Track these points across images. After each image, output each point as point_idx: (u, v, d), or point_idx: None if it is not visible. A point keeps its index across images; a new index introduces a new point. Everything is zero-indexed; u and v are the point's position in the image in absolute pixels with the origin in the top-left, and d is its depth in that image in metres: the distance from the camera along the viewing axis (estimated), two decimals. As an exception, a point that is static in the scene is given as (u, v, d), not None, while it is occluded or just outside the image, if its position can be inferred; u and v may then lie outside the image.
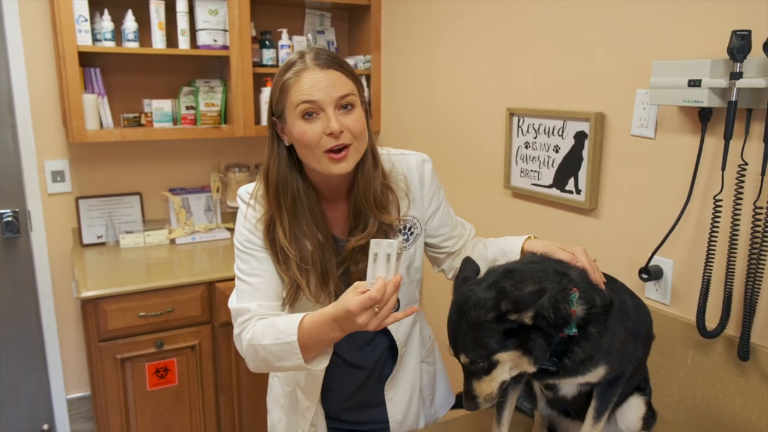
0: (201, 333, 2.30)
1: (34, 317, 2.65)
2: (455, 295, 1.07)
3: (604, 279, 1.11)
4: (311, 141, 1.14)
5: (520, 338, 1.00)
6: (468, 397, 1.04)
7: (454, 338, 1.04)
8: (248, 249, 1.25)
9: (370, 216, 1.25)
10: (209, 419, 2.38)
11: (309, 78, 1.13)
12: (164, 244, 2.68)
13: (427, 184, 1.35)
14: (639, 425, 1.28)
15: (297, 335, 1.11)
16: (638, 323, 1.19)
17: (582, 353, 1.05)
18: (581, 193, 1.73)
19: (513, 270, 1.06)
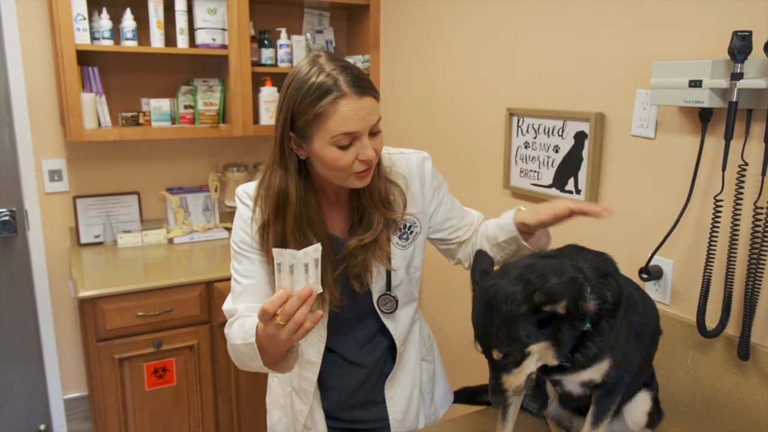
0: (199, 333, 2.29)
1: (31, 317, 2.64)
2: (479, 291, 1.07)
3: (601, 209, 1.16)
4: (344, 167, 1.14)
5: (552, 328, 1.02)
6: (497, 391, 1.04)
7: (484, 334, 1.04)
8: (243, 250, 1.26)
9: (375, 214, 1.25)
10: (207, 419, 2.37)
11: (349, 108, 1.09)
12: (162, 243, 2.67)
13: (428, 182, 1.36)
14: (644, 421, 1.29)
15: (255, 337, 1.10)
16: (646, 317, 1.20)
17: (595, 348, 1.06)
18: (581, 193, 1.73)
19: (533, 264, 1.07)
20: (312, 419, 1.38)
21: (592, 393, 1.18)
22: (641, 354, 1.20)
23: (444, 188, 1.41)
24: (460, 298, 2.34)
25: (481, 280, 1.09)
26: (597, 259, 1.14)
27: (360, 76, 1.12)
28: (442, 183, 1.41)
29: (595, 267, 1.10)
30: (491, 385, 1.06)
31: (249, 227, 1.24)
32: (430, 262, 1.52)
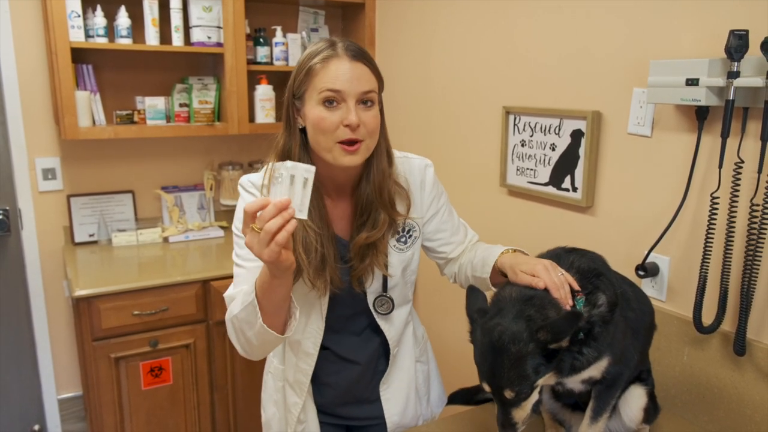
0: (196, 332, 2.29)
1: (24, 317, 2.63)
2: (481, 332, 1.07)
3: (569, 301, 1.08)
4: (327, 128, 1.15)
5: (555, 359, 1.04)
6: (507, 425, 1.06)
7: (493, 375, 1.04)
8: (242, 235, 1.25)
9: (380, 213, 1.26)
10: (204, 418, 2.37)
11: (337, 66, 1.14)
12: (157, 242, 2.66)
13: (428, 188, 1.36)
14: (641, 416, 1.29)
15: (255, 292, 1.10)
16: (640, 313, 1.22)
17: (593, 353, 1.08)
18: (578, 191, 1.74)
19: (531, 297, 1.08)
20: (305, 413, 1.39)
21: (593, 388, 1.19)
22: (638, 348, 1.21)
23: (443, 199, 1.41)
24: (455, 299, 2.34)
25: (480, 319, 1.09)
26: (585, 260, 1.16)
27: (360, 49, 1.18)
28: (442, 193, 1.41)
29: (584, 269, 1.12)
30: (501, 420, 1.07)
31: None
32: (426, 262, 1.52)
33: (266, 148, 1.27)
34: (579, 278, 1.09)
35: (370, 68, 1.18)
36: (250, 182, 1.27)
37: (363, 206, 1.26)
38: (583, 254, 1.17)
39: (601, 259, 1.20)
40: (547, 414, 1.41)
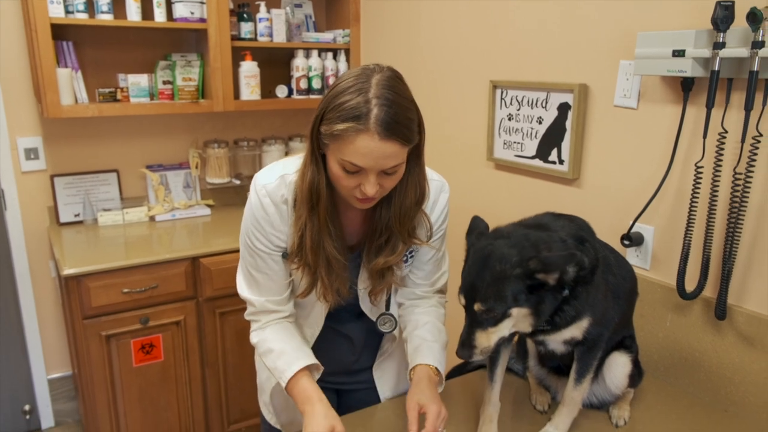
0: (186, 309, 2.29)
1: (11, 298, 2.61)
2: (475, 248, 1.12)
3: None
4: (344, 187, 1.12)
5: (536, 296, 1.07)
6: (466, 345, 1.10)
7: (471, 288, 1.09)
8: (254, 247, 1.24)
9: (400, 241, 1.23)
10: (196, 394, 2.38)
11: (365, 145, 1.03)
12: (144, 221, 2.65)
13: (436, 212, 1.30)
14: (626, 383, 1.34)
15: (286, 385, 1.23)
16: (621, 279, 1.26)
17: (572, 311, 1.12)
18: (564, 164, 1.77)
19: (527, 234, 1.12)
20: None
21: (574, 350, 1.23)
22: (618, 312, 1.26)
23: (442, 232, 1.35)
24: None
25: (477, 240, 1.13)
26: (573, 226, 1.19)
27: (397, 119, 1.04)
28: (444, 222, 1.34)
29: (573, 234, 1.15)
30: (462, 338, 1.11)
31: (263, 228, 1.22)
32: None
33: (251, 126, 1.24)
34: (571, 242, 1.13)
35: (402, 144, 1.07)
36: (266, 192, 1.20)
37: (381, 229, 1.22)
38: (571, 220, 1.20)
39: (587, 225, 1.23)
40: (534, 379, 1.46)
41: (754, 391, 1.37)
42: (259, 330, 1.31)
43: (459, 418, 1.37)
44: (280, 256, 1.25)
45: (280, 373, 1.24)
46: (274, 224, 1.21)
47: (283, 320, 1.32)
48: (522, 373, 1.54)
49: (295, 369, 1.22)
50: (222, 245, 2.30)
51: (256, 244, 1.24)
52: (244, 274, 1.30)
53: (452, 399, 1.45)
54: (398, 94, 1.06)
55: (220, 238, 2.39)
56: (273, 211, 1.21)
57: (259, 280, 1.27)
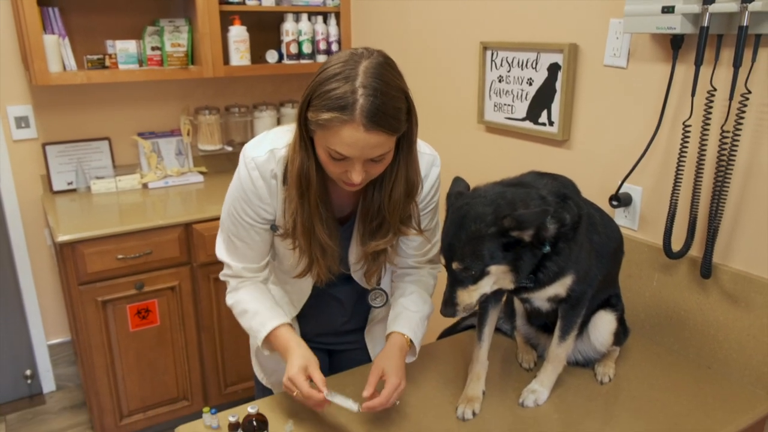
0: (180, 274, 2.31)
1: (8, 265, 2.63)
2: (452, 209, 1.13)
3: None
4: (331, 172, 1.12)
5: (514, 253, 1.08)
6: (448, 303, 1.12)
7: (449, 248, 1.10)
8: (239, 218, 1.24)
9: (392, 228, 1.22)
10: (192, 357, 2.42)
11: (350, 135, 1.02)
12: (137, 189, 2.65)
13: (426, 186, 1.29)
14: (611, 340, 1.36)
15: (261, 343, 1.26)
16: (606, 238, 1.27)
17: (555, 267, 1.13)
18: (554, 125, 1.76)
19: (503, 192, 1.12)
20: None
21: (559, 308, 1.25)
22: (602, 271, 1.27)
23: (433, 205, 1.33)
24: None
25: (455, 200, 1.14)
26: (556, 183, 1.19)
27: (384, 109, 1.02)
28: (435, 196, 1.33)
29: (555, 191, 1.15)
30: (445, 297, 1.13)
31: (249, 200, 1.21)
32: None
33: (242, 92, 1.22)
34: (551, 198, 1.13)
35: (388, 134, 1.05)
36: (255, 165, 1.19)
37: (373, 214, 1.22)
38: (554, 178, 1.21)
39: (571, 183, 1.23)
40: (521, 337, 1.48)
41: (737, 349, 1.39)
42: (233, 291, 1.32)
43: (448, 377, 1.39)
44: (263, 228, 1.26)
45: (255, 333, 1.26)
46: (262, 197, 1.21)
47: (257, 282, 1.33)
48: (510, 333, 1.56)
49: (269, 328, 1.23)
50: (215, 211, 2.30)
51: (241, 215, 1.24)
52: (224, 239, 1.31)
53: (442, 358, 1.48)
54: (386, 83, 1.04)
55: (213, 204, 2.39)
56: (261, 184, 1.20)
57: (239, 247, 1.28)
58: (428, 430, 1.20)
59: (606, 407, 1.29)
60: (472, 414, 1.25)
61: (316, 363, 1.17)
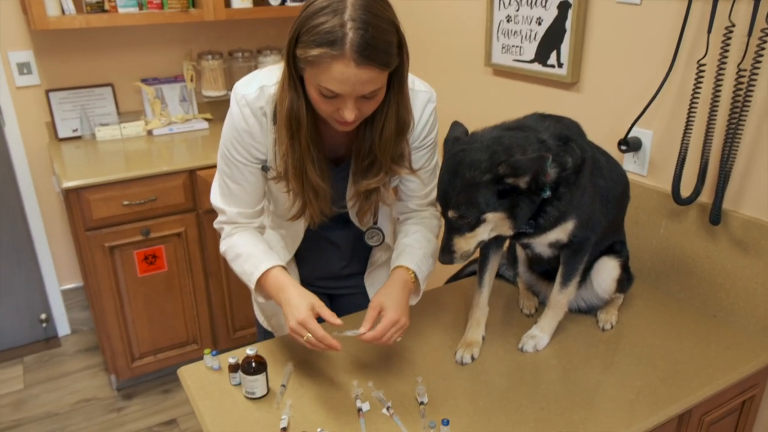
0: (186, 220, 2.32)
1: (18, 213, 2.65)
2: (448, 155, 1.10)
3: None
4: (322, 111, 1.09)
5: (510, 200, 1.05)
6: (446, 251, 1.10)
7: (444, 195, 1.08)
8: (232, 158, 1.22)
9: (383, 167, 1.19)
10: (200, 302, 2.45)
11: (341, 72, 0.99)
12: (141, 135, 2.63)
13: (421, 124, 1.25)
14: (613, 287, 1.34)
15: (254, 286, 1.23)
16: (611, 182, 1.23)
17: (555, 212, 1.10)
18: (563, 67, 1.69)
19: (500, 137, 1.08)
20: None
21: (560, 254, 1.23)
22: (607, 216, 1.23)
23: (429, 143, 1.29)
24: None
25: (452, 146, 1.10)
26: (559, 126, 1.15)
27: (375, 43, 0.98)
28: (431, 134, 1.28)
29: (557, 134, 1.11)
30: (443, 244, 1.12)
31: (242, 139, 1.19)
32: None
33: (245, 36, 1.17)
34: (553, 142, 1.09)
35: (380, 68, 1.01)
36: (246, 103, 1.16)
37: (365, 152, 1.19)
38: (557, 120, 1.16)
39: (576, 126, 1.19)
40: (523, 284, 1.47)
41: (744, 297, 1.36)
42: (227, 237, 1.30)
43: (448, 322, 1.39)
44: (257, 168, 1.23)
45: (248, 276, 1.23)
46: (254, 136, 1.19)
47: (251, 228, 1.31)
48: (513, 279, 1.55)
49: (263, 269, 1.20)
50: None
51: (234, 154, 1.22)
52: (219, 184, 1.29)
53: (443, 304, 1.47)
54: (376, 15, 0.99)
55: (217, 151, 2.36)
56: (253, 122, 1.18)
57: (233, 190, 1.26)
58: (426, 373, 1.21)
59: (606, 353, 1.28)
60: (471, 358, 1.25)
61: (318, 300, 1.15)
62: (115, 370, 2.39)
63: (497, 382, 1.19)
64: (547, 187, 1.06)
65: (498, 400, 1.13)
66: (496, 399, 1.14)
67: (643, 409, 1.11)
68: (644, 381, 1.18)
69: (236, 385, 1.18)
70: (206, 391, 1.17)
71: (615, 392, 1.15)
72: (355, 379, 1.19)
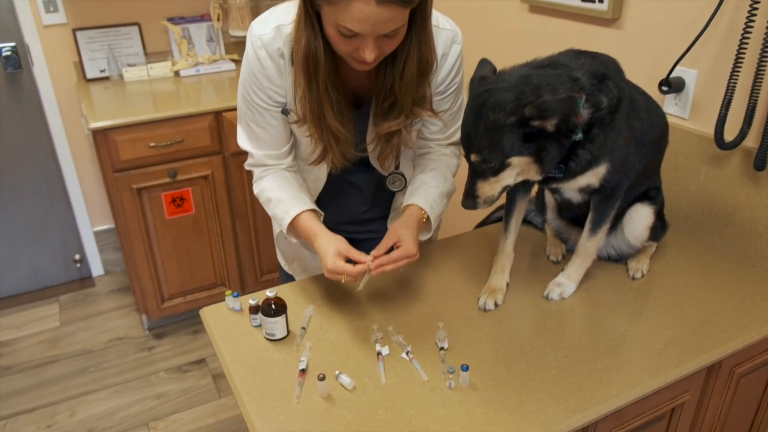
0: (213, 163, 2.31)
1: (50, 154, 2.69)
2: (472, 95, 1.05)
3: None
4: (340, 50, 1.04)
5: (537, 144, 1.00)
6: (469, 195, 1.06)
7: (467, 138, 1.03)
8: (252, 102, 1.19)
9: (405, 109, 1.15)
10: (228, 246, 2.48)
11: (360, 11, 0.94)
12: (168, 76, 2.60)
13: (447, 65, 1.19)
14: (646, 235, 1.29)
15: (286, 230, 1.24)
16: (649, 125, 1.16)
17: (587, 155, 1.04)
18: (604, 2, 1.59)
19: (529, 75, 1.02)
20: None
21: (591, 199, 1.17)
22: (642, 161, 1.17)
23: (454, 88, 1.24)
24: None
25: (478, 86, 1.04)
26: (595, 63, 1.07)
27: None
28: (456, 77, 1.23)
29: (593, 72, 1.04)
30: (466, 189, 1.07)
31: (260, 82, 1.15)
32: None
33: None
34: (587, 80, 1.02)
35: (401, 5, 0.96)
36: (262, 44, 1.11)
37: (386, 93, 1.14)
38: (594, 57, 1.09)
39: (613, 63, 1.11)
40: (551, 231, 1.42)
41: (786, 246, 1.30)
42: (258, 180, 1.30)
43: (472, 269, 1.36)
44: (279, 111, 1.20)
45: (279, 221, 1.24)
46: (272, 78, 1.15)
47: (281, 170, 1.29)
48: (541, 226, 1.50)
49: (292, 215, 1.21)
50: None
51: (254, 98, 1.18)
52: (243, 127, 1.26)
53: (468, 249, 1.44)
54: None
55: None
56: (270, 64, 1.13)
57: (258, 133, 1.24)
58: (448, 319, 1.19)
59: (635, 302, 1.24)
60: (494, 305, 1.22)
61: (344, 242, 1.15)
62: (146, 311, 2.45)
63: (520, 329, 1.17)
64: (578, 128, 1.00)
65: (520, 347, 1.11)
66: (518, 346, 1.12)
67: (671, 359, 1.08)
68: (674, 331, 1.14)
69: (257, 326, 1.18)
70: (227, 332, 1.18)
71: (642, 342, 1.12)
72: (375, 323, 1.18)
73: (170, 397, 2.24)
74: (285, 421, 0.96)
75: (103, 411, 2.18)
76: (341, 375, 1.03)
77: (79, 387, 2.28)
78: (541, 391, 1.01)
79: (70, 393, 2.26)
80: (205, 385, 2.29)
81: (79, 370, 2.37)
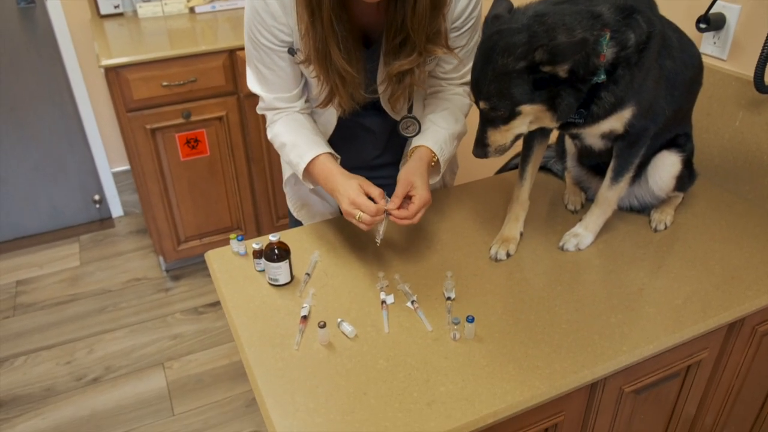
0: (227, 104, 2.26)
1: (66, 92, 2.66)
2: (483, 37, 0.97)
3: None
4: None
5: (549, 91, 0.92)
6: (479, 144, 1.00)
7: (476, 84, 0.97)
8: (258, 42, 1.13)
9: (417, 46, 1.07)
10: (243, 188, 2.45)
11: None
12: (184, 13, 2.53)
13: (461, 4, 1.11)
14: (672, 185, 1.21)
15: (302, 174, 1.19)
16: (682, 65, 1.06)
17: (611, 98, 0.96)
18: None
19: (544, 14, 0.93)
20: None
21: (614, 146, 1.10)
22: (672, 105, 1.08)
23: (471, 22, 1.16)
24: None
25: (490, 25, 0.96)
26: None
27: None
28: (473, 11, 1.15)
29: (619, 5, 0.94)
30: (477, 137, 1.01)
31: (264, 22, 1.09)
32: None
33: None
34: (613, 15, 0.93)
35: None
36: None
37: (397, 28, 1.06)
38: None
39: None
40: (571, 179, 1.35)
41: (824, 199, 1.21)
42: (271, 125, 1.25)
43: (486, 217, 1.31)
44: (285, 52, 1.13)
45: (295, 166, 1.20)
46: (276, 16, 1.08)
47: (294, 113, 1.24)
48: (561, 174, 1.43)
49: (308, 159, 1.16)
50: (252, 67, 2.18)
51: (259, 38, 1.12)
52: (252, 69, 1.21)
53: (482, 196, 1.38)
54: None
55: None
56: (272, 0, 1.06)
57: (266, 75, 1.18)
58: (457, 268, 1.15)
59: (656, 256, 1.18)
60: (506, 255, 1.17)
61: (365, 179, 1.11)
62: (163, 252, 2.46)
63: (532, 280, 1.12)
64: (601, 70, 0.91)
65: (530, 299, 1.07)
66: (528, 298, 1.07)
67: (690, 315, 1.02)
68: (695, 286, 1.09)
69: (261, 271, 1.16)
70: (231, 276, 1.15)
71: (660, 297, 1.06)
72: (381, 270, 1.14)
73: (185, 338, 2.27)
74: (284, 368, 0.94)
75: (120, 349, 2.22)
76: (343, 323, 1.01)
77: (97, 326, 2.33)
78: (549, 345, 0.97)
79: (88, 331, 2.31)
80: (220, 327, 2.32)
81: (97, 309, 2.41)
